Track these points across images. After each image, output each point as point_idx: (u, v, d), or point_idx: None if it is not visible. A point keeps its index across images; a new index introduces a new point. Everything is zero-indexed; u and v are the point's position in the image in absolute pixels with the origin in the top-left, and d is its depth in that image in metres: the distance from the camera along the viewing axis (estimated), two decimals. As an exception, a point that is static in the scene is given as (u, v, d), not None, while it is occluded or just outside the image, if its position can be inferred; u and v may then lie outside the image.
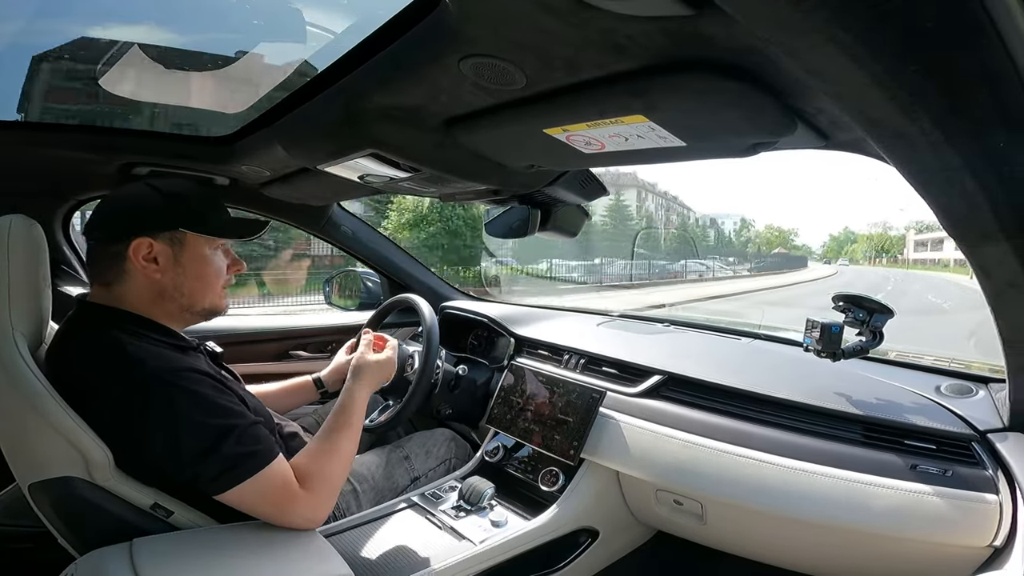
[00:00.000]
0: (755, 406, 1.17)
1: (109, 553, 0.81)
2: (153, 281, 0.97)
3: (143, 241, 0.95)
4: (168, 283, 0.98)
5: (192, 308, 1.02)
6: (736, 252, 56.73)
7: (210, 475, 0.86)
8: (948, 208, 0.64)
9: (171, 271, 0.98)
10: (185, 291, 1.00)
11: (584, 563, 1.29)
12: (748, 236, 75.45)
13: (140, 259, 0.95)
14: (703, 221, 65.00)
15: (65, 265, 1.57)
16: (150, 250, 0.95)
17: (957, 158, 0.53)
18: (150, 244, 0.95)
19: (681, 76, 0.61)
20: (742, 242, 72.68)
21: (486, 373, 1.64)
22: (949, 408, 1.04)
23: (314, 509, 0.95)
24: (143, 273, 0.96)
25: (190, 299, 1.01)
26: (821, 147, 0.82)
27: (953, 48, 0.41)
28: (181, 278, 0.99)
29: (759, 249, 69.39)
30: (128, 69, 1.28)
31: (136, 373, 0.86)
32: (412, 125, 0.89)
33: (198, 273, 1.01)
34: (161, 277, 0.97)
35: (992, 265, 0.71)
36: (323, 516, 0.96)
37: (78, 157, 1.32)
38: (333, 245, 2.01)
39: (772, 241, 76.01)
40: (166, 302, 0.99)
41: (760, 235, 78.40)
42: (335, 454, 1.01)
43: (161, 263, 0.96)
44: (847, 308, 1.17)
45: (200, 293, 1.02)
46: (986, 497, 0.89)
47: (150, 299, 0.97)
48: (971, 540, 0.89)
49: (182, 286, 0.99)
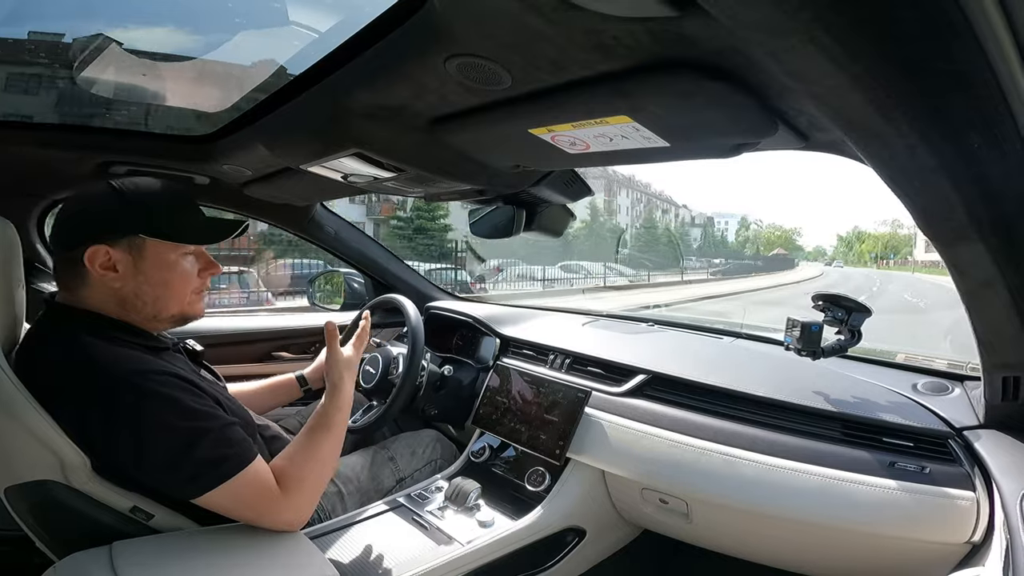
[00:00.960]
0: (737, 404, 1.18)
1: (88, 557, 0.80)
2: (113, 289, 0.92)
3: (99, 249, 0.90)
4: (129, 291, 0.93)
5: (158, 316, 0.97)
6: (726, 253, 54.35)
7: (182, 480, 0.84)
8: (923, 208, 0.65)
9: (131, 279, 0.93)
10: (148, 299, 0.95)
11: (571, 562, 1.30)
12: (747, 236, 71.83)
13: (97, 267, 0.90)
14: (695, 220, 62.33)
15: (40, 264, 1.54)
16: (108, 258, 0.90)
17: (933, 159, 0.54)
18: (107, 251, 0.90)
19: (666, 76, 0.62)
20: (740, 242, 69.16)
21: (472, 373, 1.63)
22: (926, 406, 1.06)
23: (295, 511, 0.93)
24: (101, 281, 0.91)
25: (154, 307, 0.96)
26: (801, 148, 0.83)
27: (930, 50, 0.42)
28: (143, 286, 0.94)
29: (758, 250, 65.94)
30: (107, 66, 1.25)
31: (103, 376, 0.84)
32: (397, 125, 0.88)
33: (162, 280, 0.95)
34: (122, 286, 0.92)
35: (966, 265, 0.73)
36: (303, 518, 0.95)
37: (54, 156, 1.30)
38: (316, 246, 1.99)
39: (773, 241, 72.01)
40: (129, 311, 0.94)
41: (760, 235, 74.41)
42: (316, 456, 0.98)
43: (120, 271, 0.92)
44: (826, 307, 1.19)
45: (164, 301, 0.96)
46: (963, 494, 0.90)
47: (114, 305, 0.93)
48: (949, 536, 0.91)
49: (144, 294, 0.94)
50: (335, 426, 1.04)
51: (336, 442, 1.04)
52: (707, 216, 67.33)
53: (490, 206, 1.40)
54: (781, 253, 60.80)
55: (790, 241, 75.87)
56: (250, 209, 1.72)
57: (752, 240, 71.86)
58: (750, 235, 73.40)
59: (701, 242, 56.89)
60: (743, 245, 68.96)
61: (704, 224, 62.98)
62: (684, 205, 61.20)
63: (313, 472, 0.97)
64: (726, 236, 70.00)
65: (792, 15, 0.39)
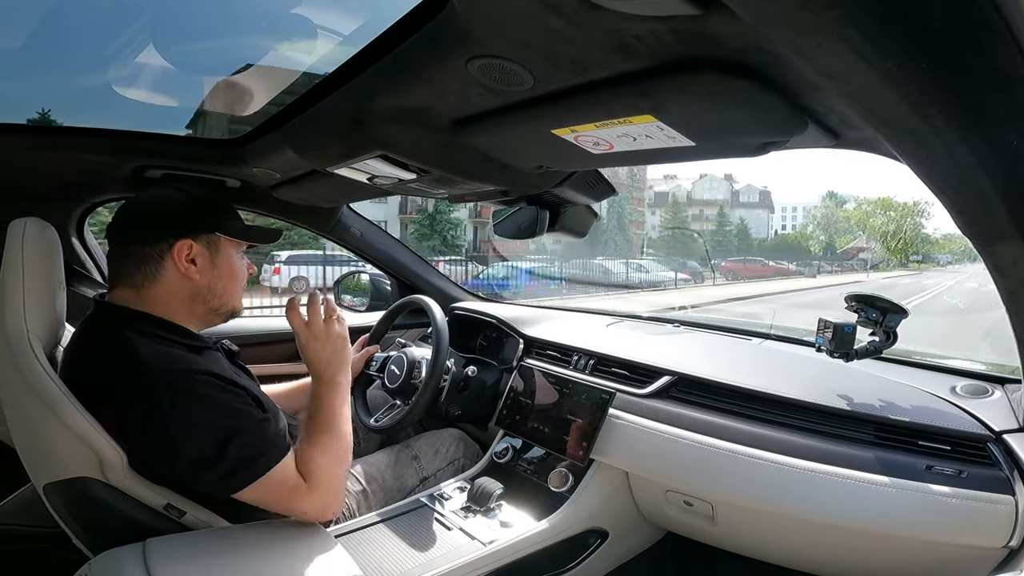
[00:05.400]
0: (766, 407, 1.16)
1: (123, 553, 0.82)
2: (190, 282, 0.99)
3: (185, 243, 0.98)
4: (203, 284, 1.01)
5: (220, 309, 1.05)
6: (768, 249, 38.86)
7: (217, 476, 0.87)
8: (962, 207, 0.63)
9: (208, 273, 1.01)
10: (217, 292, 1.03)
11: (593, 564, 1.29)
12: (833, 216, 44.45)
13: (183, 260, 0.97)
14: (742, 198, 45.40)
15: (79, 267, 1.59)
16: (190, 251, 0.98)
17: (970, 157, 0.52)
18: (191, 245, 0.98)
19: (689, 76, 0.61)
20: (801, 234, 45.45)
21: (495, 374, 1.64)
22: (964, 409, 1.03)
23: (322, 505, 0.97)
24: (183, 274, 0.98)
25: (220, 299, 1.04)
26: (832, 146, 0.81)
27: (964, 46, 0.40)
28: (216, 279, 1.02)
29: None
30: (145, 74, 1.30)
31: (147, 374, 0.87)
32: (420, 127, 0.89)
33: (231, 274, 1.05)
34: (199, 279, 1.00)
35: (1007, 264, 0.70)
36: (332, 511, 0.98)
37: (92, 160, 1.34)
38: (343, 247, 2.02)
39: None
40: (196, 303, 1.01)
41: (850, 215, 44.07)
42: (336, 449, 1.01)
43: (199, 265, 0.99)
44: (860, 308, 1.16)
45: (230, 294, 1.06)
46: (1002, 498, 0.88)
47: (180, 300, 0.99)
48: (986, 541, 0.88)
49: (215, 287, 1.02)
50: (337, 416, 1.06)
51: (342, 433, 1.05)
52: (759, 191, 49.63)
53: (513, 207, 1.40)
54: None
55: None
56: (279, 211, 1.75)
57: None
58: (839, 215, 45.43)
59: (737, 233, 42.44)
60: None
61: (761, 202, 48.06)
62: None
63: (329, 465, 0.99)
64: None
65: (819, 13, 0.38)
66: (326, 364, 1.09)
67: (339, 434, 1.04)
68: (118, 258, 0.99)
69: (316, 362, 1.09)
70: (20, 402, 0.89)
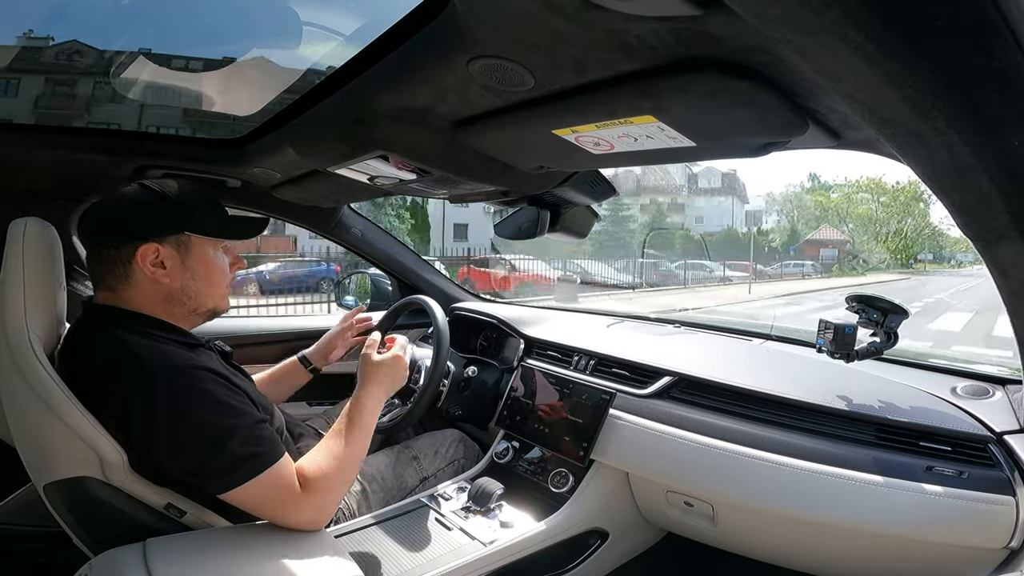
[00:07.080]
0: (767, 408, 1.16)
1: (123, 553, 0.82)
2: (161, 286, 0.96)
3: (150, 247, 0.94)
4: (176, 287, 0.98)
5: (199, 310, 1.02)
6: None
7: (214, 474, 0.86)
8: (962, 207, 0.63)
9: (179, 275, 0.98)
10: (192, 294, 1.00)
11: (593, 564, 1.29)
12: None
13: (148, 265, 0.94)
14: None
15: (79, 267, 1.59)
16: (157, 255, 0.95)
17: (971, 157, 0.52)
18: (157, 250, 0.95)
19: (690, 76, 0.61)
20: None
21: (496, 374, 1.64)
22: (965, 409, 1.03)
23: (315, 511, 0.93)
24: (151, 279, 0.95)
25: (197, 301, 1.01)
26: (833, 147, 0.81)
27: (965, 46, 0.40)
28: (189, 281, 0.99)
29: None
30: (142, 73, 1.29)
31: (144, 372, 0.86)
32: (421, 127, 0.89)
33: (206, 274, 1.01)
34: (169, 282, 0.97)
35: (1008, 265, 0.70)
36: (325, 519, 0.95)
37: (93, 159, 1.34)
38: (343, 247, 2.02)
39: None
40: (173, 305, 0.99)
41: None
42: (340, 458, 0.97)
43: (168, 267, 0.96)
44: (861, 308, 1.16)
45: (207, 294, 1.02)
46: (1003, 499, 0.88)
47: (157, 302, 0.97)
48: (986, 542, 0.89)
49: (189, 289, 0.99)
50: (361, 429, 1.03)
51: (362, 446, 1.03)
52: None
53: (514, 207, 1.40)
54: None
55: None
56: (279, 211, 1.75)
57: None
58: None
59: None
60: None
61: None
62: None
63: (336, 474, 0.96)
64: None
65: (820, 12, 0.38)
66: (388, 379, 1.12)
67: (353, 450, 1.00)
68: (91, 261, 0.98)
69: (374, 373, 1.10)
70: (20, 402, 0.89)
